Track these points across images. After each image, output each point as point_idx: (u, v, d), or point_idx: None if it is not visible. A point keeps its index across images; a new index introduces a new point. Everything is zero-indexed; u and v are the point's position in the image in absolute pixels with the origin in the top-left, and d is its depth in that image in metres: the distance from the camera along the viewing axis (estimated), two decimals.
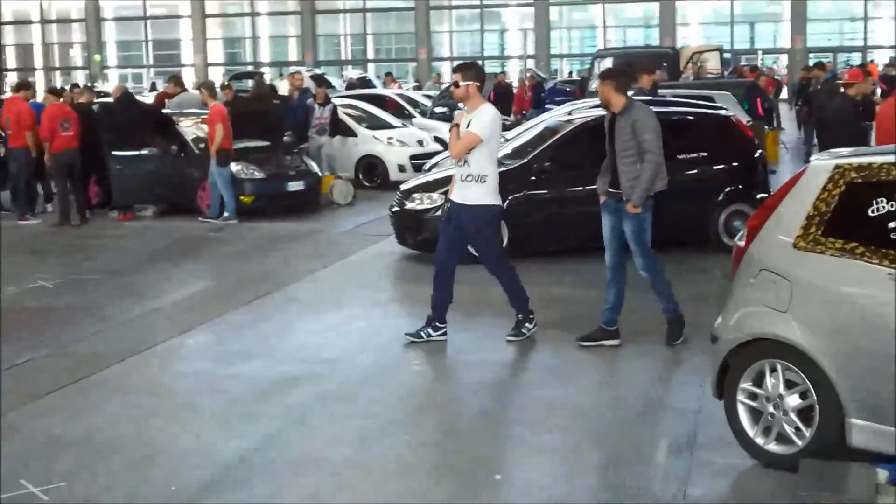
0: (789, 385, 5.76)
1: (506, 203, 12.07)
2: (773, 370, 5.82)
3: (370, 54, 56.69)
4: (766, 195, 12.68)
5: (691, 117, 13.25)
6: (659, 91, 17.66)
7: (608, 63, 29.57)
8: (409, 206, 12.52)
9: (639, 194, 8.41)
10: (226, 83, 21.23)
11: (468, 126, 8.62)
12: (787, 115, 28.31)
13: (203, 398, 7.70)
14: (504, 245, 12.09)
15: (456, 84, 8.79)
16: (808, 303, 5.65)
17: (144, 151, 16.70)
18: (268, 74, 46.64)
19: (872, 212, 5.51)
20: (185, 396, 7.80)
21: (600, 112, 13.66)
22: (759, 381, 5.91)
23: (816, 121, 13.65)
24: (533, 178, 12.30)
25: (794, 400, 5.74)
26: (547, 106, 29.16)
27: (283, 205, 16.70)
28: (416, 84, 40.32)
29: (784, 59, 50.20)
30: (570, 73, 47.69)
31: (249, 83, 31.44)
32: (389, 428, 7.01)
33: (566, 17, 55.47)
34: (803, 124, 24.29)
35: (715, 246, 12.52)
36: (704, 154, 12.70)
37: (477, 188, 8.68)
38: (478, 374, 8.22)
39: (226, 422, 7.18)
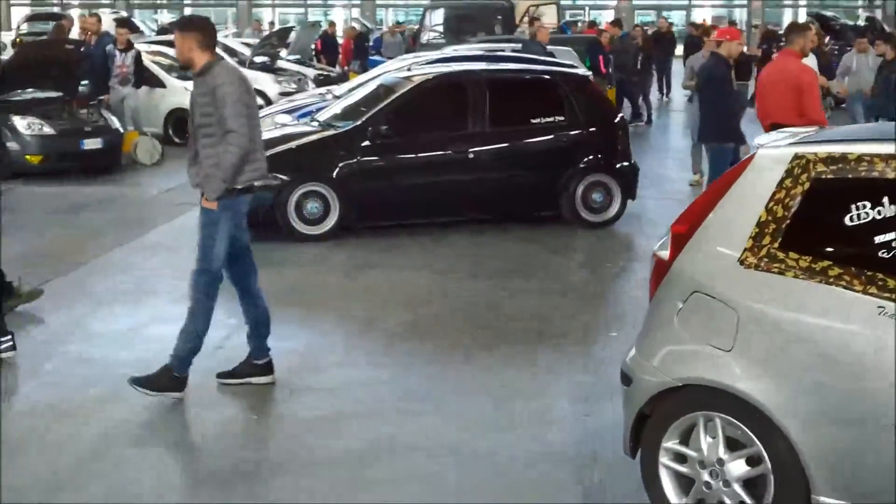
0: (732, 446, 4.30)
1: (335, 172, 10.56)
2: (710, 425, 4.35)
3: None
4: (626, 164, 11.42)
5: (547, 77, 11.77)
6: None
7: (440, 15, 28.08)
8: None
9: (213, 185, 6.16)
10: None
11: None
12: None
13: None
14: (336, 220, 10.51)
15: None
16: (762, 340, 4.19)
17: None
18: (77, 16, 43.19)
19: (851, 220, 4.07)
20: None
21: (444, 68, 12.18)
22: (688, 438, 4.44)
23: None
24: (366, 143, 10.63)
25: (738, 466, 4.27)
26: (372, 58, 27.52)
27: (78, 165, 14.57)
28: (236, 31, 37.96)
29: (610, 15, 49.61)
30: (398, 22, 45.86)
31: (52, 25, 28.57)
32: None
33: None
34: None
35: (571, 221, 11.14)
36: (561, 118, 11.24)
37: None
38: (301, 407, 6.51)
39: None
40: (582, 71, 12.74)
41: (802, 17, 49.23)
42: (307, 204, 10.47)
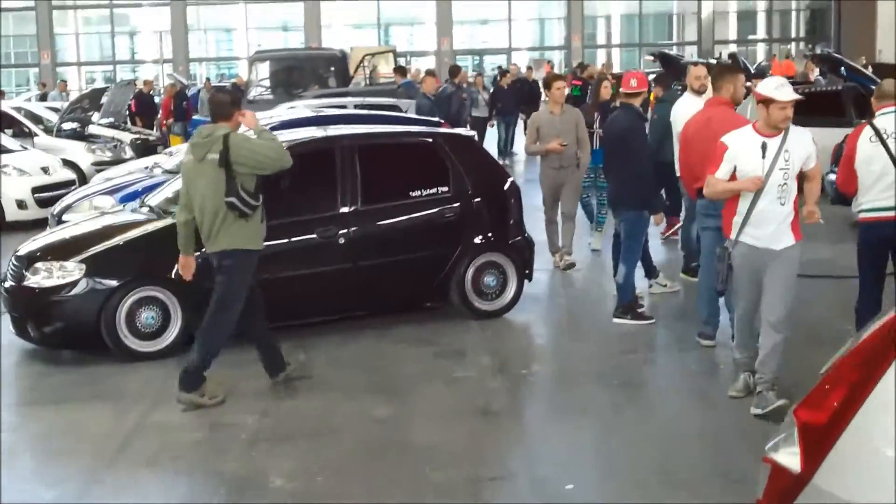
0: None
1: (175, 271, 8.42)
2: None
3: None
4: (521, 238, 9.73)
5: (426, 140, 9.92)
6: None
7: (265, 67, 26.10)
8: (30, 280, 8.45)
9: None
10: None
11: None
12: None
13: None
14: (179, 331, 8.47)
15: None
16: None
17: None
18: None
19: None
20: None
21: (310, 133, 10.14)
22: None
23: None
24: None
25: None
26: (196, 118, 25.28)
27: None
28: (42, 93, 34.99)
29: (431, 62, 48.49)
30: (207, 79, 43.36)
31: None
32: None
33: (203, 18, 51.19)
34: None
35: (462, 311, 9.35)
36: (444, 189, 9.43)
37: None
38: None
39: None
40: (465, 131, 10.98)
41: (616, 59, 49.19)
42: (141, 313, 8.32)
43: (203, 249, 7.50)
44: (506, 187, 9.91)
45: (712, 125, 8.18)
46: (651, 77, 23.26)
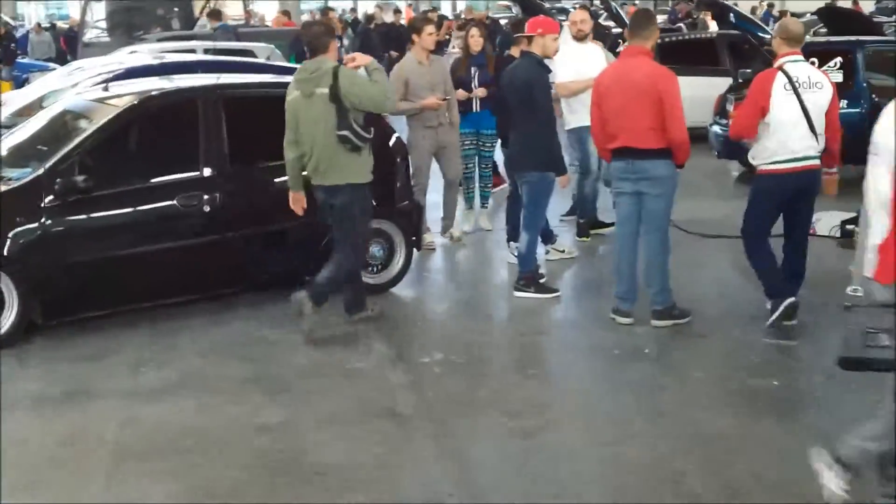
0: None
1: (7, 246, 7.14)
2: None
3: None
4: (408, 203, 8.70)
5: None
6: None
7: (102, 7, 24.17)
8: None
9: None
10: None
11: None
12: None
13: None
14: (14, 319, 7.16)
15: None
16: None
17: None
18: None
19: None
20: None
21: (160, 83, 8.86)
22: None
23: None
24: (54, 200, 7.27)
25: None
26: (22, 62, 23.38)
27: None
28: None
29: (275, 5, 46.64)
30: (37, 23, 40.63)
31: None
32: None
33: None
34: None
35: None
36: None
37: None
38: None
39: None
40: None
41: (463, 5, 47.80)
42: None
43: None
44: (391, 143, 8.81)
45: (633, 77, 7.28)
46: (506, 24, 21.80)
